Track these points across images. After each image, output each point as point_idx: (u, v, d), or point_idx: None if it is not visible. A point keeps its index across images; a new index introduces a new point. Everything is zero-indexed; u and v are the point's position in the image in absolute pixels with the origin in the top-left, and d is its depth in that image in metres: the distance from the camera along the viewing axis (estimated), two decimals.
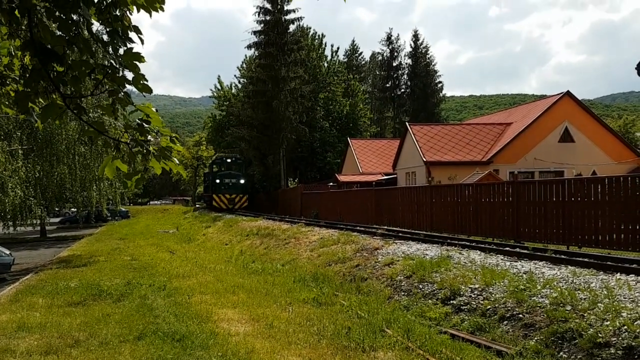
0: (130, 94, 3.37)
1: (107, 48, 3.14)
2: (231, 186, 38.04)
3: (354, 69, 66.29)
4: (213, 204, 37.76)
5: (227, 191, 37.91)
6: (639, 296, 5.94)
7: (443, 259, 9.37)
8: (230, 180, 38.11)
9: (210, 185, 39.40)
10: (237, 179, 38.31)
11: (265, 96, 40.95)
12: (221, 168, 39.61)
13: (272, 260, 14.65)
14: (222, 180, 37.89)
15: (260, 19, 42.51)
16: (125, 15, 3.24)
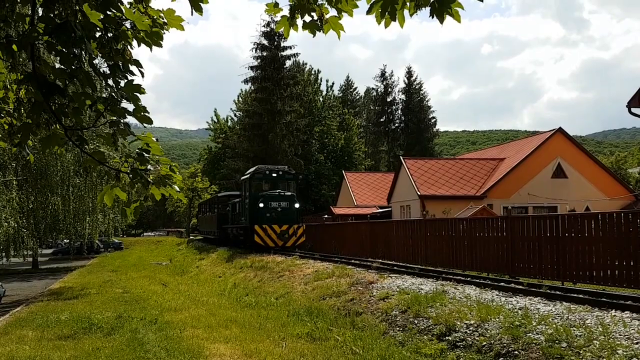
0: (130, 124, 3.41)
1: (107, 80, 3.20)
2: (281, 213, 23.49)
3: (348, 104, 67.18)
4: (255, 239, 22.82)
5: (275, 220, 23.17)
6: (635, 333, 5.90)
7: (438, 294, 9.31)
8: (279, 205, 23.80)
9: (246, 212, 24.55)
10: (289, 203, 23.75)
11: (261, 129, 41.29)
12: (261, 186, 24.90)
13: (265, 294, 14.50)
14: (267, 205, 23.27)
15: (257, 54, 43.25)
16: (127, 49, 3.31)
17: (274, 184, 24.42)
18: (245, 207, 24.30)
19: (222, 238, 30.99)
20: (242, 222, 24.93)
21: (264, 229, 22.55)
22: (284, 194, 23.41)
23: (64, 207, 20.20)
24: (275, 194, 23.26)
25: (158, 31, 3.29)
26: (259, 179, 24.54)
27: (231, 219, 28.50)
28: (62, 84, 3.02)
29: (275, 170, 24.70)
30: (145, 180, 3.15)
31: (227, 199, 31.34)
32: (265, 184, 24.73)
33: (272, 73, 42.24)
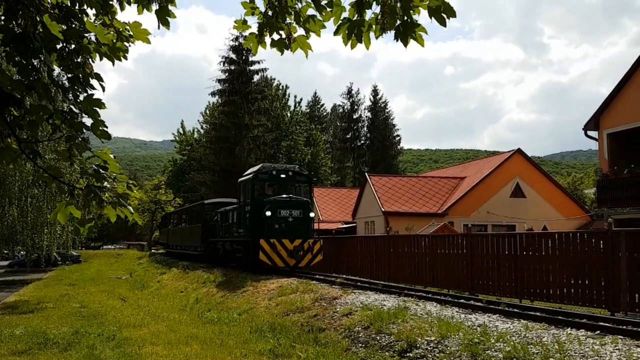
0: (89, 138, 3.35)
1: (67, 94, 3.15)
2: (293, 224, 18.04)
3: (316, 120, 67.62)
4: (260, 257, 17.45)
5: (286, 233, 17.73)
6: (589, 351, 6.07)
7: (400, 310, 9.37)
8: (290, 213, 18.34)
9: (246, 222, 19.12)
10: (302, 211, 18.24)
11: (228, 142, 41.07)
12: (266, 189, 19.39)
13: (228, 309, 14.30)
14: (275, 214, 17.84)
15: (225, 68, 43.18)
16: (88, 63, 3.26)
17: (281, 187, 18.77)
18: (244, 216, 18.83)
19: (209, 254, 25.20)
20: (240, 234, 19.44)
21: (272, 245, 16.98)
22: (297, 200, 18.07)
23: (21, 218, 19.54)
24: (285, 200, 17.81)
25: (121, 45, 3.26)
26: (263, 180, 18.96)
27: (222, 230, 22.80)
28: (19, 95, 2.95)
29: (284, 170, 19.13)
30: (100, 199, 3.09)
31: (213, 207, 26.49)
32: (271, 187, 19.25)
33: (240, 87, 42.17)
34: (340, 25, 4.51)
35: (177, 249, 33.86)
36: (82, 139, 3.12)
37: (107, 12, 3.52)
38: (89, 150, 3.21)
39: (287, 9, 4.67)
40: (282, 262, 17.32)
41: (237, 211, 20.16)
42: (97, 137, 3.08)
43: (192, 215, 31.15)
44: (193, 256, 29.05)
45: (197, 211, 29.24)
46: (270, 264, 17.30)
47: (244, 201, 19.26)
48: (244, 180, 19.74)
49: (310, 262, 17.71)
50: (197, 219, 28.67)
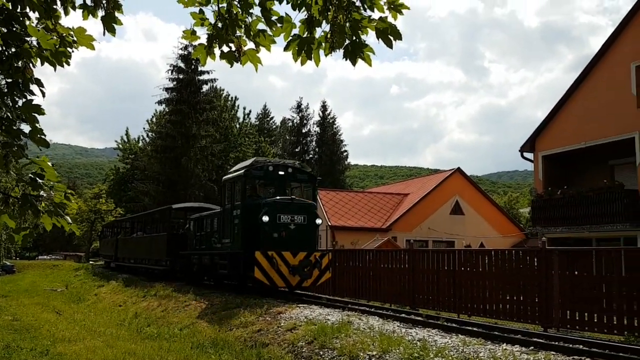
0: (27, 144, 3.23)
1: (4, 99, 3.03)
2: (296, 232, 14.29)
3: (265, 132, 67.59)
4: (256, 275, 13.53)
5: (287, 244, 14.07)
6: None
7: (344, 325, 9.43)
8: (292, 219, 14.39)
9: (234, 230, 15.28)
10: (307, 217, 14.55)
11: (174, 152, 40.33)
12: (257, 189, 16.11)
13: (169, 324, 13.93)
14: (274, 219, 14.09)
15: (174, 76, 42.57)
16: (28, 68, 3.16)
17: (279, 187, 15.34)
18: (231, 223, 15.13)
19: (178, 270, 20.71)
20: (225, 245, 15.48)
21: (270, 258, 13.31)
22: (300, 202, 14.60)
23: None
24: (286, 202, 14.19)
25: (64, 51, 3.18)
26: (257, 177, 15.40)
27: (197, 241, 18.61)
28: None
29: (282, 166, 15.49)
30: (36, 208, 2.98)
31: (184, 213, 22.76)
32: (266, 187, 16.10)
33: (188, 96, 41.59)
34: (290, 41, 4.57)
35: (131, 262, 28.39)
36: (19, 146, 3.01)
37: (50, 16, 3.42)
38: (25, 158, 3.09)
39: (238, 22, 4.69)
40: (282, 282, 13.55)
41: (221, 217, 16.01)
42: (35, 144, 2.98)
43: (153, 222, 26.18)
44: (154, 272, 23.56)
45: (161, 218, 24.49)
46: (268, 283, 13.42)
47: (231, 204, 15.26)
48: (231, 177, 15.67)
49: (316, 280, 14.08)
50: (160, 227, 24.08)
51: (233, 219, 15.12)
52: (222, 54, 4.84)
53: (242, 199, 14.73)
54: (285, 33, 4.59)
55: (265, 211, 13.78)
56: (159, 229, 24.16)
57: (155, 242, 23.62)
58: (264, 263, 13.37)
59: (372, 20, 4.32)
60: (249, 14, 4.63)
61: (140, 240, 27.06)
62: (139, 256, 26.87)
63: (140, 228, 28.64)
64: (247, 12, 4.58)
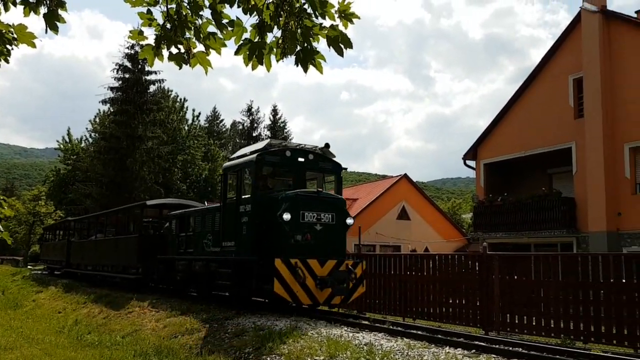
0: None
1: None
2: (321, 235, 11.14)
3: (214, 135, 66.65)
4: (276, 290, 10.34)
5: (313, 251, 10.93)
6: None
7: (292, 330, 9.41)
8: (319, 218, 11.16)
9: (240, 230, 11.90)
10: (336, 215, 11.42)
11: (119, 153, 39.21)
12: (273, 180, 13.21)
13: (111, 332, 13.52)
14: (297, 217, 10.85)
15: (119, 76, 41.46)
16: None
17: (298, 177, 12.53)
18: (236, 221, 12.00)
19: (154, 278, 17.80)
20: (226, 249, 12.38)
21: (294, 268, 10.43)
22: (329, 197, 11.77)
23: None
24: (312, 196, 11.29)
25: (2, 49, 3.03)
26: (272, 164, 12.30)
27: (182, 244, 15.41)
28: None
29: (302, 150, 12.42)
30: None
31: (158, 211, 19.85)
32: (281, 177, 13.24)
33: (134, 96, 40.56)
34: (241, 45, 4.55)
35: (87, 269, 24.37)
36: None
37: None
38: None
39: (187, 23, 4.63)
40: (307, 298, 10.60)
41: (221, 214, 12.88)
42: None
43: (119, 222, 22.44)
44: (119, 281, 20.15)
45: (130, 216, 21.02)
46: (291, 300, 10.48)
47: (236, 197, 12.26)
48: (237, 164, 12.54)
49: (349, 296, 11.22)
50: (129, 228, 20.74)
51: (239, 216, 11.87)
52: (171, 56, 4.76)
53: (253, 192, 11.66)
54: (236, 37, 4.57)
55: (286, 207, 10.73)
56: (128, 230, 20.75)
57: (122, 246, 20.00)
58: (285, 274, 10.31)
59: (324, 27, 4.36)
60: (199, 16, 4.59)
61: (101, 244, 23.20)
62: (99, 262, 22.93)
63: (99, 229, 24.76)
64: (196, 14, 4.53)
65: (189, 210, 16.38)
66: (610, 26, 21.10)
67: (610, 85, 20.68)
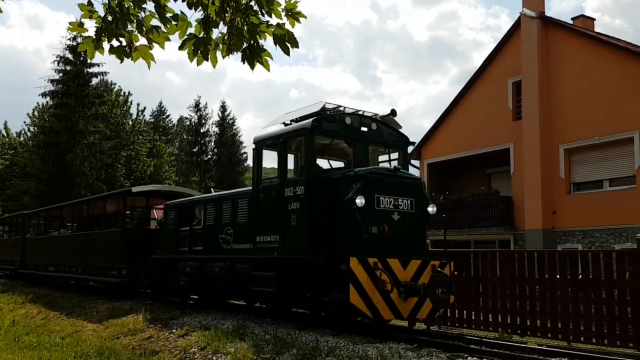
0: None
1: None
2: (400, 226, 8.61)
3: (160, 130, 65.18)
4: (351, 300, 7.67)
5: (391, 248, 8.41)
6: None
7: (239, 329, 9.38)
8: (396, 205, 8.62)
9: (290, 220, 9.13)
10: (415, 200, 8.90)
11: (59, 148, 37.75)
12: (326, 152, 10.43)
13: (50, 333, 13.07)
14: (372, 203, 8.33)
15: (60, 68, 39.92)
16: None
17: (360, 152, 9.88)
18: (280, 208, 9.42)
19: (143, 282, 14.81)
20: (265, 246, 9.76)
21: (373, 271, 7.97)
22: (408, 177, 9.58)
23: None
24: (388, 175, 9.01)
25: None
26: (331, 134, 9.74)
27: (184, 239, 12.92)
28: None
29: (364, 118, 10.02)
30: None
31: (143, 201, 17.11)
32: (336, 151, 10.65)
33: (75, 89, 39.11)
34: (186, 40, 4.49)
35: (49, 270, 20.92)
36: None
37: None
38: None
39: (129, 16, 4.52)
40: (390, 312, 8.14)
41: (257, 199, 10.13)
42: None
43: (92, 214, 18.99)
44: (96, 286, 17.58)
45: (109, 206, 17.79)
46: (370, 314, 7.96)
47: (281, 178, 9.72)
48: (282, 133, 9.89)
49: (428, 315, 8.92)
50: (107, 221, 17.89)
51: (285, 202, 9.30)
52: (112, 49, 4.64)
53: (307, 169, 9.23)
54: (180, 31, 4.50)
55: (358, 189, 8.24)
56: (106, 223, 17.75)
57: (99, 242, 16.81)
58: (363, 279, 7.80)
59: (270, 25, 4.36)
60: (142, 9, 4.49)
61: (67, 240, 19.81)
62: (64, 262, 19.50)
63: (62, 224, 21.69)
64: (139, 7, 4.43)
65: (195, 199, 13.77)
66: (548, 32, 22.07)
67: (547, 89, 21.64)
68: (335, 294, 8.20)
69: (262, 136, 10.54)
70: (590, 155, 20.56)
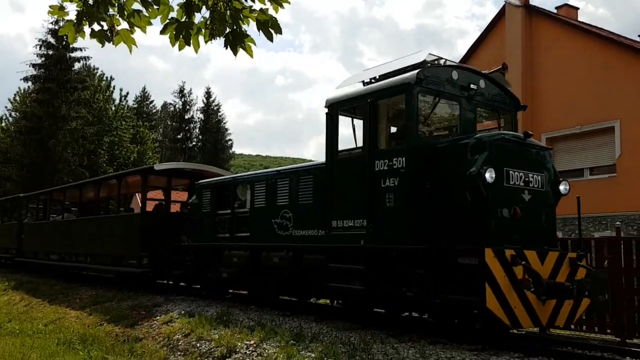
0: None
1: None
2: (531, 207, 6.96)
3: (144, 116, 64.54)
4: (488, 305, 5.99)
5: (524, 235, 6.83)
6: (390, 349, 6.74)
7: (223, 316, 9.41)
8: (526, 180, 6.93)
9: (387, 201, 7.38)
10: (547, 175, 7.27)
11: (41, 133, 37.23)
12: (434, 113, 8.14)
13: (33, 320, 13.00)
14: (502, 179, 6.68)
15: (42, 52, 39.27)
16: None
17: (467, 114, 8.09)
18: (370, 185, 7.69)
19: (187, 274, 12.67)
20: (342, 234, 8.10)
21: (509, 266, 6.27)
22: (538, 147, 7.66)
23: None
24: (518, 143, 7.19)
25: None
26: (436, 92, 7.75)
27: (223, 224, 11.50)
28: None
29: (473, 73, 8.41)
30: None
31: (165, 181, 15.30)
32: (438, 113, 8.46)
33: (57, 74, 38.48)
34: (167, 24, 4.43)
35: (52, 259, 19.08)
36: None
37: None
38: None
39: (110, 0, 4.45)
40: (528, 318, 6.49)
41: (333, 174, 8.45)
42: None
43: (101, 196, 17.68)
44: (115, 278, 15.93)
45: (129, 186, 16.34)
46: (508, 322, 6.30)
47: (369, 147, 7.92)
48: (373, 90, 8.14)
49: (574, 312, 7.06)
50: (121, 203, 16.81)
51: (378, 177, 7.58)
52: (93, 33, 4.58)
53: (410, 135, 7.49)
54: (162, 15, 4.44)
55: (484, 160, 6.62)
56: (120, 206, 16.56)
57: (114, 228, 15.02)
58: (500, 277, 6.23)
59: (254, 10, 4.32)
60: None
61: (74, 226, 17.79)
62: (70, 250, 17.70)
63: (66, 208, 19.71)
64: None
65: (238, 177, 12.23)
66: (532, 20, 22.14)
67: (531, 77, 21.77)
68: (451, 295, 6.52)
69: (338, 97, 8.74)
70: (572, 144, 20.75)
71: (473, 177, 6.48)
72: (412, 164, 7.22)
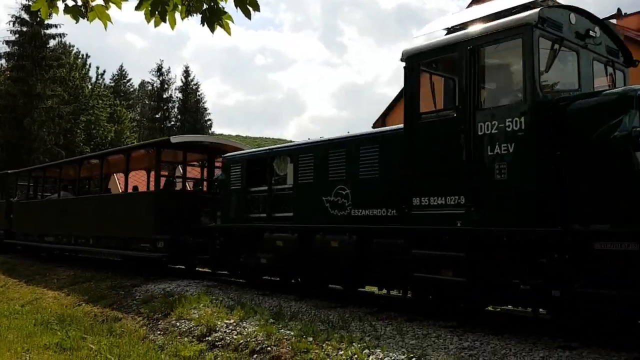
0: None
1: None
2: None
3: (121, 95, 63.54)
4: None
5: None
6: (368, 327, 6.84)
7: (203, 295, 9.43)
8: None
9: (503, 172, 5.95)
10: None
11: (15, 112, 36.54)
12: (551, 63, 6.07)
13: (9, 300, 12.88)
14: None
15: (16, 29, 38.30)
16: None
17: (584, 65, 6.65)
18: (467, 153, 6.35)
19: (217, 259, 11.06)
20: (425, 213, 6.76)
21: None
22: None
23: None
24: None
25: None
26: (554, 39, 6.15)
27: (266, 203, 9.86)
28: None
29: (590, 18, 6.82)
30: None
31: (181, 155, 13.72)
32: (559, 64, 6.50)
33: (32, 51, 37.63)
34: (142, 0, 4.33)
35: (47, 241, 17.59)
36: None
37: None
38: None
39: None
40: None
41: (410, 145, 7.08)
42: None
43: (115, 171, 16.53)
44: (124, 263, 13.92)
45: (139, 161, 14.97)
46: None
47: (468, 104, 6.48)
48: (476, 36, 6.61)
49: None
50: None
51: (482, 143, 6.29)
52: (67, 8, 4.46)
53: (532, 88, 5.99)
54: None
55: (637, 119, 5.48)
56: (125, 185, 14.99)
57: (122, 208, 13.78)
58: None
59: None
60: None
61: (73, 205, 16.30)
62: (68, 232, 16.10)
63: (61, 186, 18.22)
64: None
65: (276, 148, 10.40)
66: None
67: None
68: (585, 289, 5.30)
69: (421, 48, 7.19)
70: None
71: (619, 142, 5.28)
72: (535, 125, 5.86)
